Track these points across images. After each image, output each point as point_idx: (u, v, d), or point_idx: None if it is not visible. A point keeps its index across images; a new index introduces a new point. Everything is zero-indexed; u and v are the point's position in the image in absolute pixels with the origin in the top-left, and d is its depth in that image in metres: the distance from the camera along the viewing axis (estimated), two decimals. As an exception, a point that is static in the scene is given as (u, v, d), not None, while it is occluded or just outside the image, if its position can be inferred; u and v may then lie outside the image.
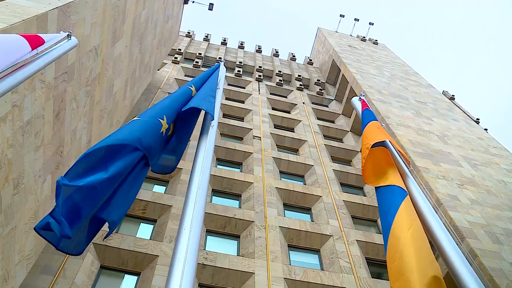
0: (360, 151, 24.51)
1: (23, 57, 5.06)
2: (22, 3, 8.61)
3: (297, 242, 16.58)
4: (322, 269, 15.41)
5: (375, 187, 6.38)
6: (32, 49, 5.21)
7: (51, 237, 3.75)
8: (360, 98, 8.98)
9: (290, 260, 15.49)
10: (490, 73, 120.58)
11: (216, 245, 15.66)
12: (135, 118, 5.05)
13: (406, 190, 5.76)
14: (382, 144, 6.95)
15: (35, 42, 5.31)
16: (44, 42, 5.53)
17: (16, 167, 8.17)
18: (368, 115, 8.57)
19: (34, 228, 3.56)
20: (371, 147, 6.76)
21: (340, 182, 21.31)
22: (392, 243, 4.93)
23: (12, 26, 7.29)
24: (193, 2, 31.00)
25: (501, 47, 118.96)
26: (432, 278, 4.27)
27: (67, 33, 6.52)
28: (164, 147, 5.46)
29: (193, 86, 6.50)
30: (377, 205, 19.13)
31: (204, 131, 5.84)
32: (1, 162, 7.54)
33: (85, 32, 10.71)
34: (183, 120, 5.88)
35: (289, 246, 16.31)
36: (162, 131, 5.25)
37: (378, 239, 17.25)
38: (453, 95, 31.03)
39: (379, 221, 19.06)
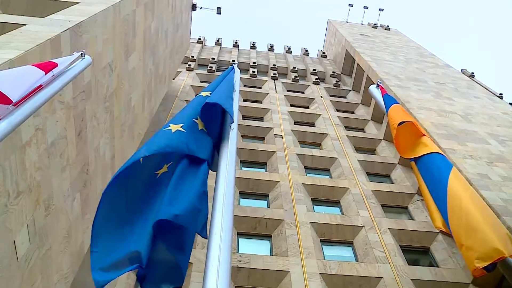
0: (384, 139, 24.29)
1: (38, 82, 5.13)
2: (35, 28, 8.75)
3: (329, 236, 16.48)
4: (357, 261, 15.29)
5: (415, 159, 6.33)
6: (46, 73, 5.27)
7: None
8: (377, 85, 8.88)
9: (324, 255, 15.41)
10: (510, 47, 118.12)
11: (249, 247, 15.67)
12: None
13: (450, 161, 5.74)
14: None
15: (48, 67, 5.38)
16: (57, 65, 5.59)
17: (45, 189, 8.30)
18: (390, 99, 8.50)
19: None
20: (398, 125, 6.76)
21: (366, 172, 21.12)
22: (453, 204, 4.86)
23: (28, 52, 7.41)
24: (201, 8, 31.14)
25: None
26: (506, 232, 4.25)
27: (80, 53, 6.60)
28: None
29: (208, 92, 6.49)
30: (406, 192, 18.96)
31: (224, 135, 5.82)
32: (31, 185, 7.67)
33: (98, 49, 10.83)
34: (208, 121, 5.78)
35: (321, 241, 16.22)
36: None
37: (411, 225, 17.04)
38: (473, 73, 30.45)
39: (410, 207, 18.82)
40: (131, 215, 4.33)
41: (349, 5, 45.30)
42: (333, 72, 35.62)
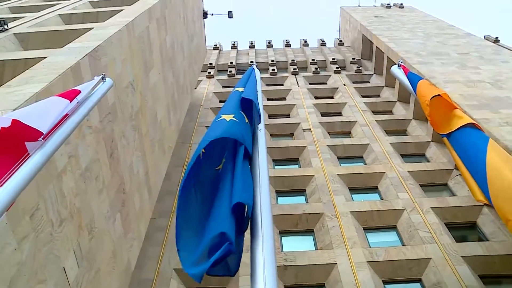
0: (413, 118, 23.89)
1: (65, 111, 5.24)
2: (56, 59, 8.96)
3: (371, 223, 16.29)
4: (403, 245, 15.06)
5: (448, 136, 6.21)
6: (71, 101, 5.38)
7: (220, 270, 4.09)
8: (399, 65, 8.75)
9: (369, 242, 15.24)
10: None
11: (293, 244, 15.63)
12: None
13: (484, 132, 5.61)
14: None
15: (72, 95, 5.50)
16: (80, 92, 5.70)
17: (85, 213, 8.47)
18: (414, 77, 8.38)
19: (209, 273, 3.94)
20: (430, 100, 6.65)
21: (400, 154, 20.80)
22: (493, 177, 4.76)
23: (51, 83, 7.58)
24: (212, 15, 31.27)
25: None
26: None
27: (101, 76, 6.72)
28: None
29: (241, 88, 6.64)
30: (443, 168, 18.59)
31: (253, 137, 5.83)
32: (72, 211, 7.84)
33: (117, 70, 11.00)
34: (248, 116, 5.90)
35: (364, 229, 16.05)
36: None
37: (453, 202, 16.69)
38: (497, 38, 29.58)
39: (449, 183, 18.44)
40: (205, 210, 4.46)
41: (360, -11, 44.72)
42: (353, 58, 35.25)
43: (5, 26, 12.58)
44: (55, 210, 7.18)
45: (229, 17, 34.32)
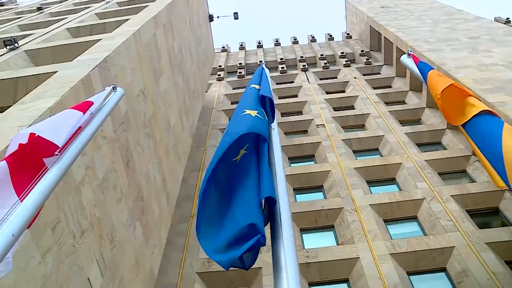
0: (427, 107, 23.68)
1: (79, 123, 5.29)
2: (66, 73, 9.06)
3: (391, 215, 16.19)
4: (425, 234, 14.92)
5: (464, 124, 6.15)
6: (84, 113, 5.43)
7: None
8: (408, 54, 8.68)
9: (390, 234, 15.13)
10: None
11: (314, 241, 15.59)
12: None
13: (499, 117, 5.53)
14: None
15: (85, 107, 5.55)
16: (92, 103, 5.75)
17: (106, 223, 8.55)
18: (424, 66, 8.30)
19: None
20: (441, 93, 6.59)
21: (416, 143, 20.63)
22: (510, 158, 4.69)
23: (63, 97, 7.67)
24: (218, 17, 31.32)
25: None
26: None
27: (112, 86, 6.76)
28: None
29: (257, 86, 6.69)
30: (461, 155, 18.41)
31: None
32: (92, 222, 7.92)
33: (128, 79, 11.08)
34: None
35: (384, 221, 15.95)
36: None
37: (473, 188, 16.50)
38: (508, 18, 29.16)
39: (468, 169, 18.24)
40: (224, 198, 4.51)
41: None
42: (362, 51, 35.04)
43: (16, 44, 12.76)
44: (76, 222, 7.26)
45: (235, 19, 34.33)
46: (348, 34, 40.97)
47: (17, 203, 3.99)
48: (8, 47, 12.56)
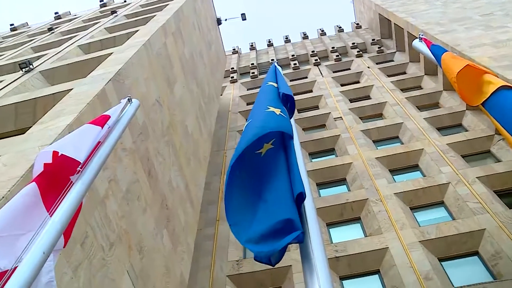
0: (444, 90, 23.36)
1: (98, 137, 5.36)
2: (81, 89, 9.20)
3: (417, 202, 16.00)
4: (453, 219, 14.70)
5: (484, 103, 6.04)
6: (102, 127, 5.51)
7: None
8: (420, 39, 8.57)
9: (418, 222, 14.96)
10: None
11: (341, 234, 15.50)
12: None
13: None
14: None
15: (102, 121, 5.62)
16: (109, 116, 5.82)
17: (133, 234, 8.63)
18: (437, 49, 8.19)
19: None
20: (456, 75, 6.50)
21: (436, 128, 20.35)
22: None
23: (81, 113, 7.78)
24: (226, 20, 31.39)
25: None
26: None
27: (127, 98, 6.82)
28: None
29: (274, 83, 6.77)
30: (484, 135, 18.09)
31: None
32: (120, 234, 8.00)
33: (142, 90, 11.17)
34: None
35: (411, 209, 15.77)
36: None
37: (499, 167, 16.20)
38: (519, -8, 28.60)
39: (492, 149, 17.92)
40: (256, 190, 4.60)
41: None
42: (373, 39, 34.72)
43: (31, 66, 12.99)
44: (104, 235, 7.35)
45: (242, 20, 34.35)
46: (357, 24, 40.64)
47: (46, 219, 4.10)
48: (23, 69, 12.80)
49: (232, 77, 33.53)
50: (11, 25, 33.76)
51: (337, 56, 33.59)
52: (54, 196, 4.40)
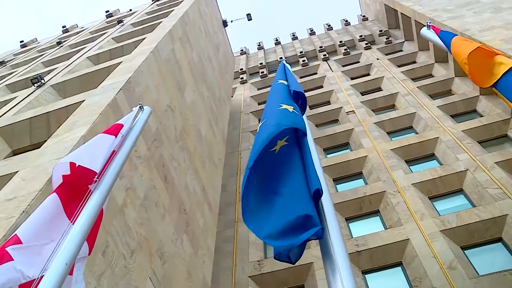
0: (456, 76, 23.11)
1: (112, 146, 5.40)
2: (93, 100, 9.27)
3: (436, 191, 15.84)
4: (474, 206, 14.51)
5: (495, 85, 5.97)
6: (116, 136, 5.55)
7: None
8: (428, 26, 8.49)
9: (437, 211, 14.80)
10: None
11: (361, 228, 15.42)
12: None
13: None
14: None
15: (115, 130, 5.66)
16: (122, 125, 5.86)
17: (153, 240, 8.68)
18: (446, 35, 8.11)
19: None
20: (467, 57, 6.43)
21: (450, 115, 20.13)
22: None
23: (94, 123, 7.85)
24: (232, 21, 31.43)
25: None
26: None
27: (138, 106, 6.86)
28: None
29: (284, 81, 6.80)
30: (499, 119, 17.82)
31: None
32: (140, 241, 8.05)
33: (153, 96, 11.23)
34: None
35: (430, 198, 15.62)
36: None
37: (518, 150, 15.98)
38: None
39: (509, 133, 17.65)
40: (271, 187, 4.64)
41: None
42: (380, 30, 34.49)
43: (42, 81, 13.15)
44: (124, 243, 7.40)
45: (248, 20, 34.35)
46: (364, 16, 40.39)
47: (69, 227, 4.20)
48: (35, 84, 12.96)
49: (242, 78, 33.54)
50: (21, 41, 34.22)
51: (345, 50, 33.42)
52: (75, 205, 4.50)
